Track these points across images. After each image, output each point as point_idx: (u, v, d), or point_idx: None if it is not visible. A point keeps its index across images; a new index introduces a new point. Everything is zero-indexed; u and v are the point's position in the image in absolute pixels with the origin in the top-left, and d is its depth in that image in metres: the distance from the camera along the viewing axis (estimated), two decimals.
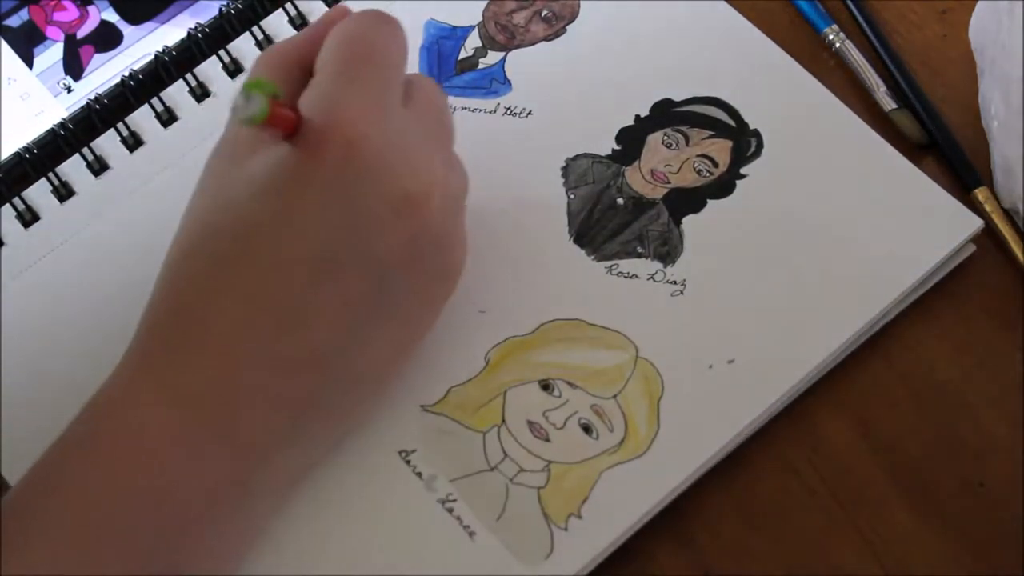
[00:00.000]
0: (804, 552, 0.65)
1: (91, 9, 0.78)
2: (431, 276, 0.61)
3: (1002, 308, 0.70)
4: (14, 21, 0.78)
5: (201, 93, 0.73)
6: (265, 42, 0.74)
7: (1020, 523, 0.64)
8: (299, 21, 0.75)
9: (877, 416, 0.67)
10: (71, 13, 0.78)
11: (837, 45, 0.76)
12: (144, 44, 0.77)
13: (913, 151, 0.72)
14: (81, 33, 0.78)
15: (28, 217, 0.71)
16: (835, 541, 0.65)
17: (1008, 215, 0.71)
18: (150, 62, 0.73)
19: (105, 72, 0.77)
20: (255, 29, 0.74)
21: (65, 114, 0.74)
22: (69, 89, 0.77)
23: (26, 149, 0.71)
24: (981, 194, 0.71)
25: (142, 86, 0.73)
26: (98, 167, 0.72)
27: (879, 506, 0.65)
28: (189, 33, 0.74)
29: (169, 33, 0.76)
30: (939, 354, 0.69)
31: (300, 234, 0.56)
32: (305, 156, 0.56)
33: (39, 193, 0.72)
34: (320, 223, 0.56)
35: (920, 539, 0.65)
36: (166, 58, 0.73)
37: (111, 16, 0.78)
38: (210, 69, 0.74)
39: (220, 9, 0.75)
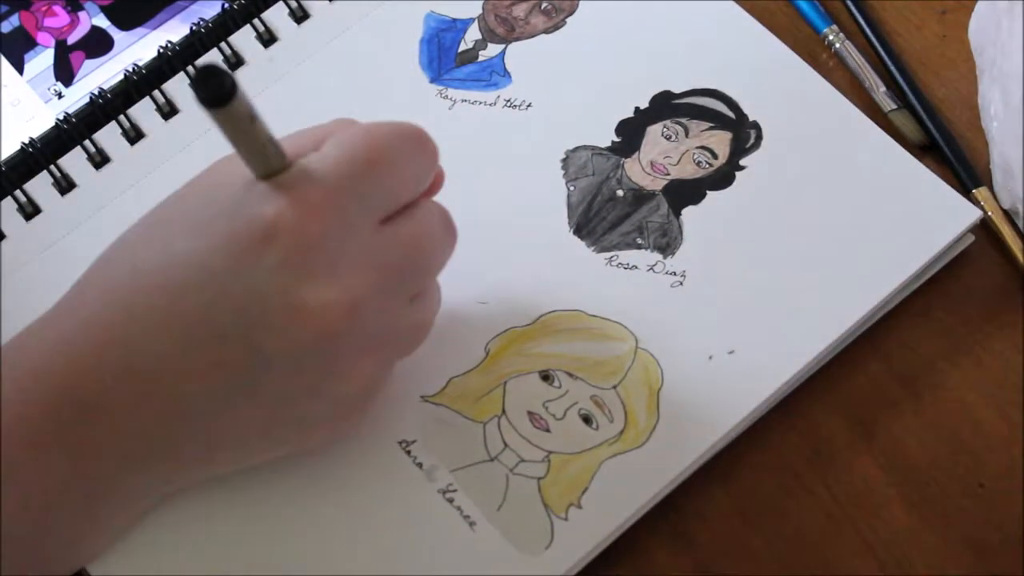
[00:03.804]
0: (803, 552, 0.65)
1: (82, 15, 0.79)
2: (312, 396, 0.59)
3: (1001, 308, 0.70)
4: (5, 27, 0.78)
5: None
6: (266, 34, 0.75)
7: (1020, 523, 0.64)
8: (300, 13, 0.75)
9: (876, 416, 0.67)
10: (62, 19, 0.79)
11: (837, 45, 0.76)
12: (135, 50, 0.78)
13: (913, 151, 0.72)
14: (72, 39, 0.78)
15: (29, 210, 0.71)
16: (834, 541, 0.65)
17: (1007, 215, 0.71)
18: (153, 57, 0.74)
19: (96, 78, 0.77)
20: (256, 22, 0.75)
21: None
22: (60, 95, 0.77)
23: (28, 142, 0.72)
24: (980, 194, 0.71)
25: (144, 79, 0.73)
26: (99, 160, 0.72)
27: (879, 506, 0.65)
28: (192, 28, 0.74)
29: (160, 39, 0.75)
30: (938, 354, 0.69)
31: (194, 286, 0.56)
32: (243, 217, 0.55)
33: (40, 186, 0.72)
34: (219, 285, 0.56)
35: (920, 539, 0.65)
36: (169, 53, 0.73)
37: (102, 22, 0.79)
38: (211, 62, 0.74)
39: (223, 5, 0.75)
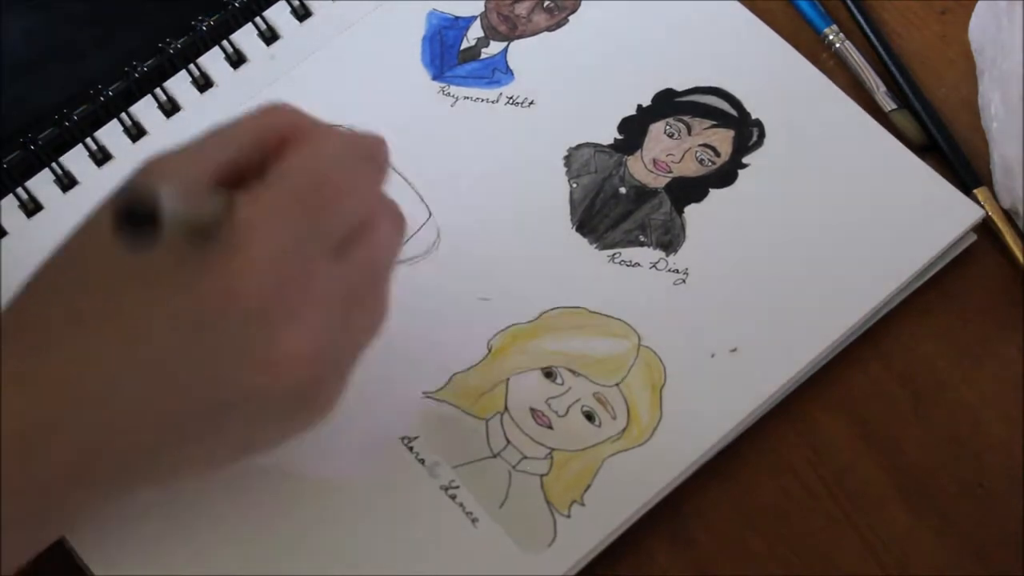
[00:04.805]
0: (803, 552, 0.65)
1: None
2: (279, 426, 0.57)
3: (1001, 308, 0.70)
4: None
5: (204, 84, 0.74)
6: (268, 32, 0.75)
7: (1020, 523, 0.65)
8: (302, 11, 0.75)
9: (876, 416, 0.67)
10: None
11: (837, 45, 0.76)
12: None
13: (913, 151, 0.72)
14: None
15: (31, 207, 0.71)
16: (834, 541, 0.65)
17: (1008, 215, 0.71)
18: (155, 56, 0.74)
19: None
20: (257, 20, 0.75)
21: None
22: None
23: (30, 139, 0.72)
24: (981, 194, 0.71)
25: (146, 77, 0.74)
26: (101, 157, 0.72)
27: (879, 506, 0.65)
28: (193, 25, 0.74)
29: None
30: (938, 354, 0.69)
31: (146, 336, 0.53)
32: (197, 273, 0.53)
33: (42, 183, 0.72)
34: (178, 338, 0.53)
35: (919, 539, 0.65)
36: (170, 51, 0.74)
37: None
38: (212, 60, 0.74)
39: (224, 4, 0.75)
